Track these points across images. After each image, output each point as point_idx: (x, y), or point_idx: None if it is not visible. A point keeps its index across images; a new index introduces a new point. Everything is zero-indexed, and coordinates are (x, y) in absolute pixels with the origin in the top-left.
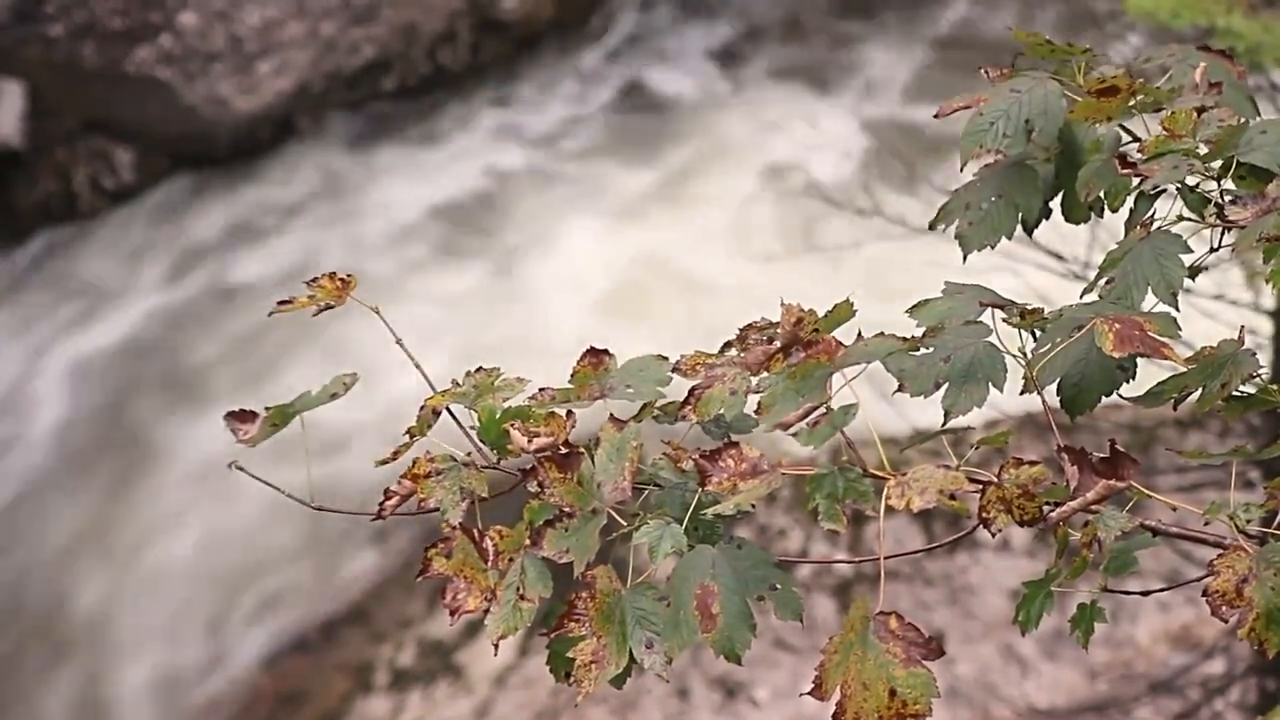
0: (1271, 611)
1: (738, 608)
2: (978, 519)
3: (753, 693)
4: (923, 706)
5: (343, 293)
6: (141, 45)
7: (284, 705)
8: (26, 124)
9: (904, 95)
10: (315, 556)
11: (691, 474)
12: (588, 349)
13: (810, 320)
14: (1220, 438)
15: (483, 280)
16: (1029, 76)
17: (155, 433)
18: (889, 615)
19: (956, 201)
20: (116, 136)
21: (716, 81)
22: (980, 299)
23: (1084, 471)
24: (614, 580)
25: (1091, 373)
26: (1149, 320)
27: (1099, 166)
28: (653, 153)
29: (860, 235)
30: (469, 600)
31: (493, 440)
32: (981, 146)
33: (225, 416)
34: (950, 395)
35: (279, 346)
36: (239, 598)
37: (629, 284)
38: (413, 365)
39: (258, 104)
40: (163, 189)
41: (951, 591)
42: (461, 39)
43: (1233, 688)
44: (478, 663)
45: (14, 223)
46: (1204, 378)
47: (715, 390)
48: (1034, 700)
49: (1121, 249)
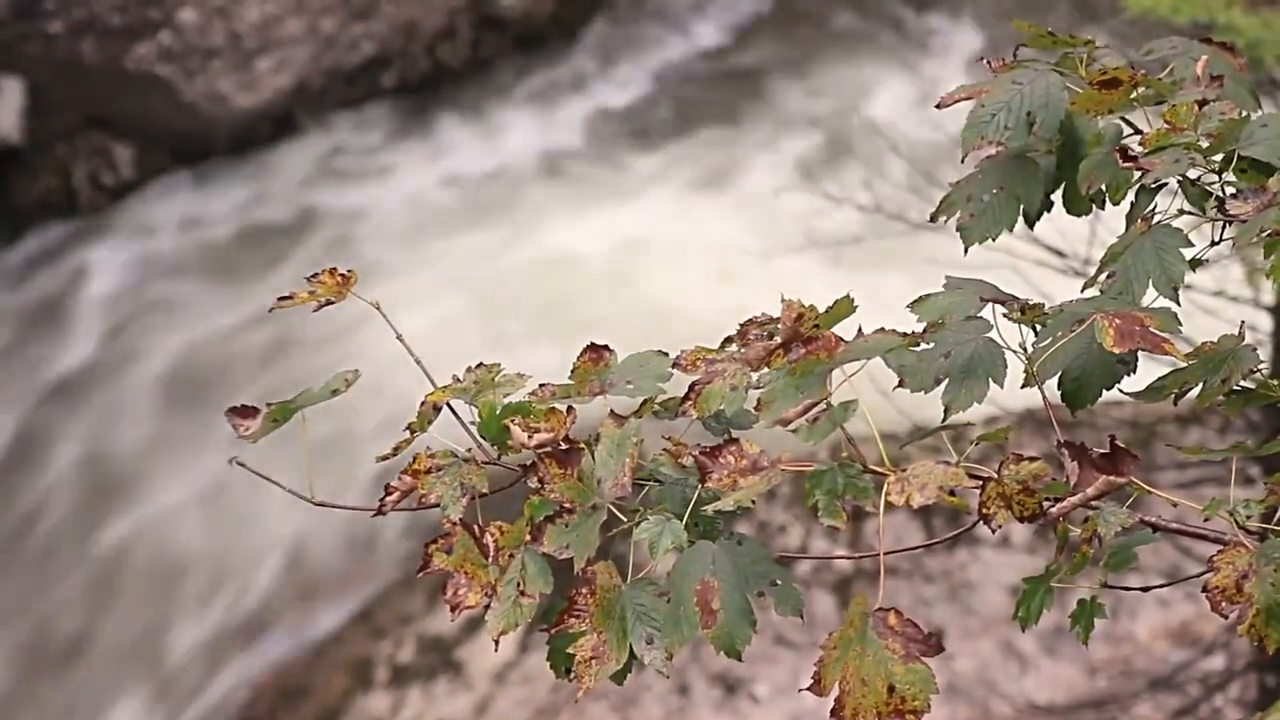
0: (1271, 607)
1: (738, 604)
2: (978, 515)
3: (753, 689)
4: (921, 702)
5: (343, 288)
6: (141, 42)
7: (284, 702)
8: (26, 120)
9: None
10: (316, 555)
11: (692, 470)
12: (587, 345)
13: (810, 316)
14: (1220, 434)
15: (485, 279)
16: (1031, 68)
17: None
18: (888, 611)
19: (958, 193)
20: (116, 133)
21: (719, 80)
22: (981, 294)
23: (1084, 467)
24: (614, 576)
25: (1092, 367)
26: (1149, 316)
27: (1100, 159)
28: (654, 150)
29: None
30: (469, 596)
31: (493, 436)
32: (983, 138)
33: (227, 412)
34: (950, 391)
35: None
36: (239, 594)
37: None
38: (414, 363)
39: (257, 101)
40: (162, 185)
41: (951, 587)
42: (461, 35)
43: (1232, 684)
44: (478, 659)
45: (13, 219)
46: (1204, 373)
47: (715, 386)
48: (1033, 696)
49: (1122, 243)
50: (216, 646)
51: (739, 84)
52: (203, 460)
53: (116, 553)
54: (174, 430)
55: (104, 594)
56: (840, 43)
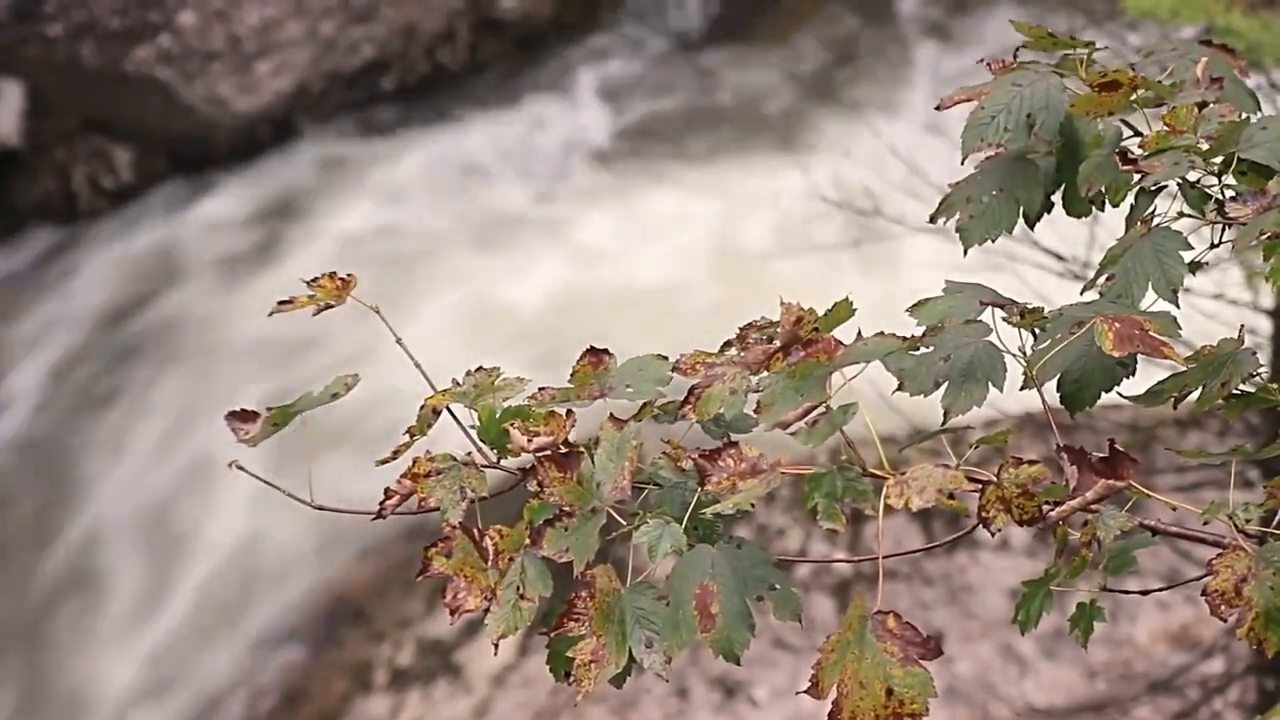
0: (1270, 611)
1: (737, 607)
2: (977, 518)
3: (752, 692)
4: (919, 705)
5: (343, 292)
6: (141, 45)
7: (282, 704)
8: (25, 123)
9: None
10: (316, 555)
11: (691, 473)
12: (587, 348)
13: (810, 319)
14: (1219, 437)
15: (488, 275)
16: (1030, 70)
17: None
18: (887, 614)
19: (957, 195)
20: (115, 136)
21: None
22: (980, 298)
23: (1083, 471)
24: (613, 579)
25: (1091, 369)
26: (1149, 319)
27: (1100, 161)
28: (654, 153)
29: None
30: (469, 599)
31: (492, 439)
32: (982, 140)
33: (226, 416)
34: (950, 394)
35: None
36: (238, 596)
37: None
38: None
39: (257, 104)
40: (162, 189)
41: (950, 591)
42: (460, 38)
43: (1232, 687)
44: (477, 662)
45: (13, 222)
46: (1204, 376)
47: (715, 389)
48: (1033, 700)
49: (1122, 246)
50: (216, 646)
51: (739, 84)
52: (204, 464)
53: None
54: (176, 432)
55: (92, 589)
56: (841, 43)
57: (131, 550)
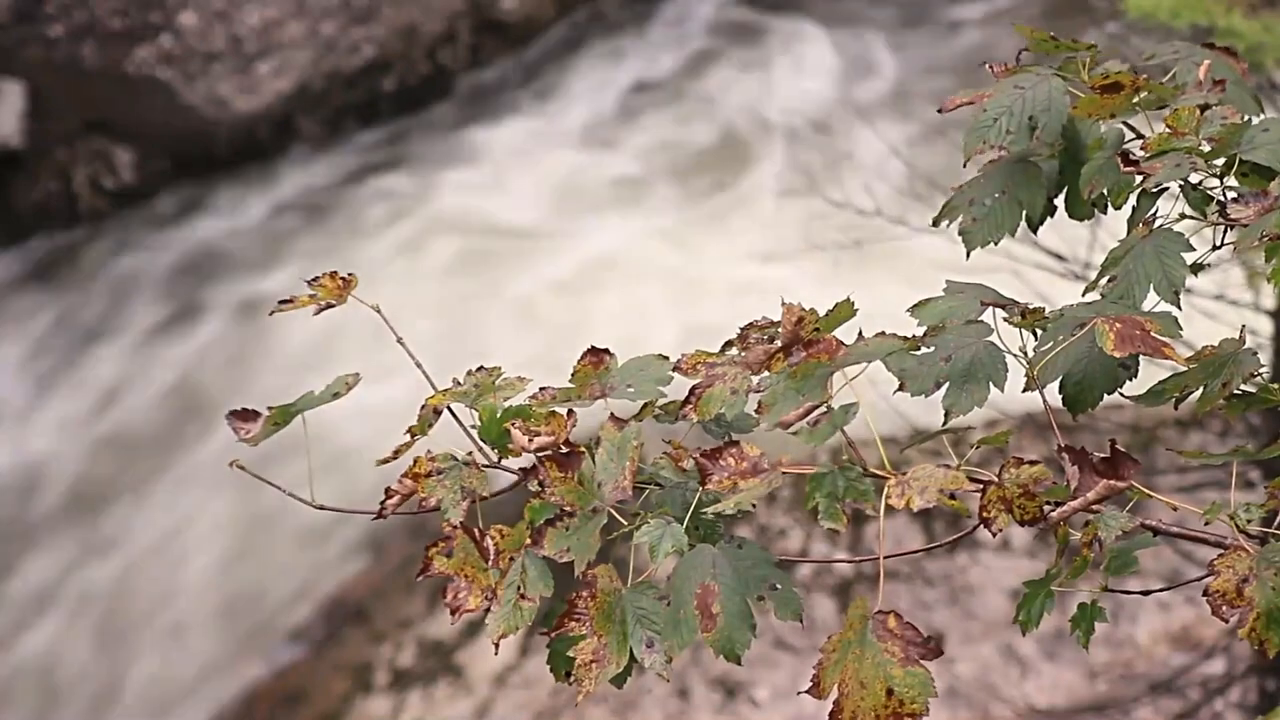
0: (1272, 611)
1: (738, 607)
2: (978, 518)
3: (753, 692)
4: (919, 705)
5: (344, 292)
6: (141, 45)
7: (283, 705)
8: (26, 124)
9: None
10: (316, 555)
11: (692, 473)
12: (588, 348)
13: (811, 320)
14: (1221, 438)
15: (491, 274)
16: (1033, 72)
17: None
18: (887, 614)
19: (960, 198)
20: (116, 137)
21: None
22: (981, 298)
23: (1085, 471)
24: (614, 580)
25: (1093, 370)
26: (1150, 320)
27: (1102, 164)
28: (654, 154)
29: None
30: (470, 599)
31: (493, 439)
32: (985, 142)
33: (227, 415)
34: (951, 395)
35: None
36: (238, 597)
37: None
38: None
39: (257, 104)
40: (162, 188)
41: (951, 591)
42: (461, 39)
43: (1233, 688)
44: (478, 662)
45: (14, 223)
46: (1205, 377)
47: (716, 389)
48: (1034, 700)
49: (1123, 247)
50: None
51: (739, 85)
52: (204, 467)
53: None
54: (181, 433)
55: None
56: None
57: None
